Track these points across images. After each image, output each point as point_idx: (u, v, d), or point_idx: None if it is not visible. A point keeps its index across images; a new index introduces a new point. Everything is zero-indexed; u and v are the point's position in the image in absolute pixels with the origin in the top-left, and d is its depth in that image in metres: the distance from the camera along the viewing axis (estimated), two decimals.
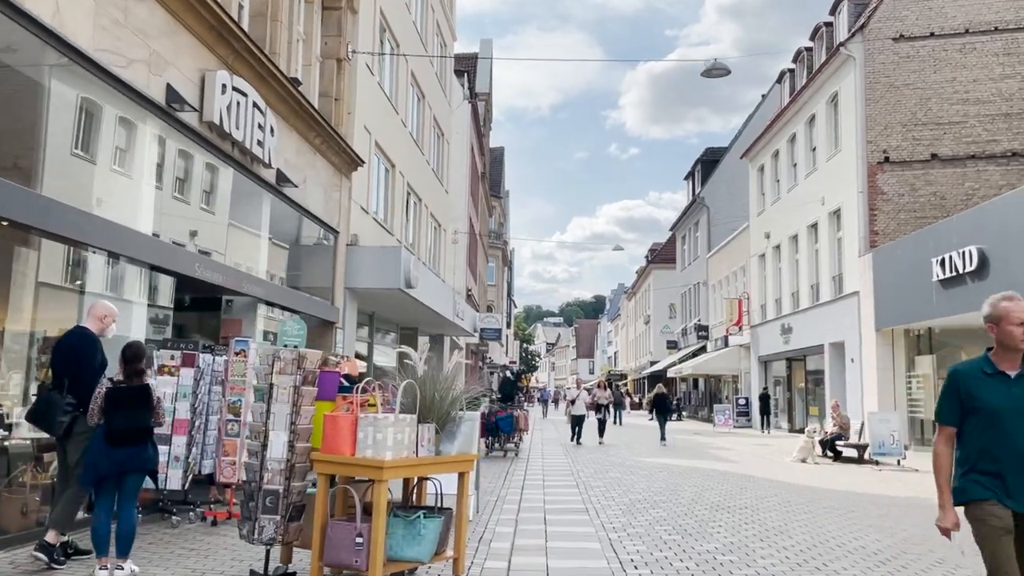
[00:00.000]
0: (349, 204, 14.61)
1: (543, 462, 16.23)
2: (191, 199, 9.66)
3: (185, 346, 7.66)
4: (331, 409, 5.54)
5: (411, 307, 17.75)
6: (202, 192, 9.84)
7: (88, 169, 7.72)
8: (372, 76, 16.14)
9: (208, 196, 10.01)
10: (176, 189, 9.28)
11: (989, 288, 16.74)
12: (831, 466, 16.61)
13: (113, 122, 7.88)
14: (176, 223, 9.24)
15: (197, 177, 9.60)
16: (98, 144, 7.75)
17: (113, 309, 6.31)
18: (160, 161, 8.75)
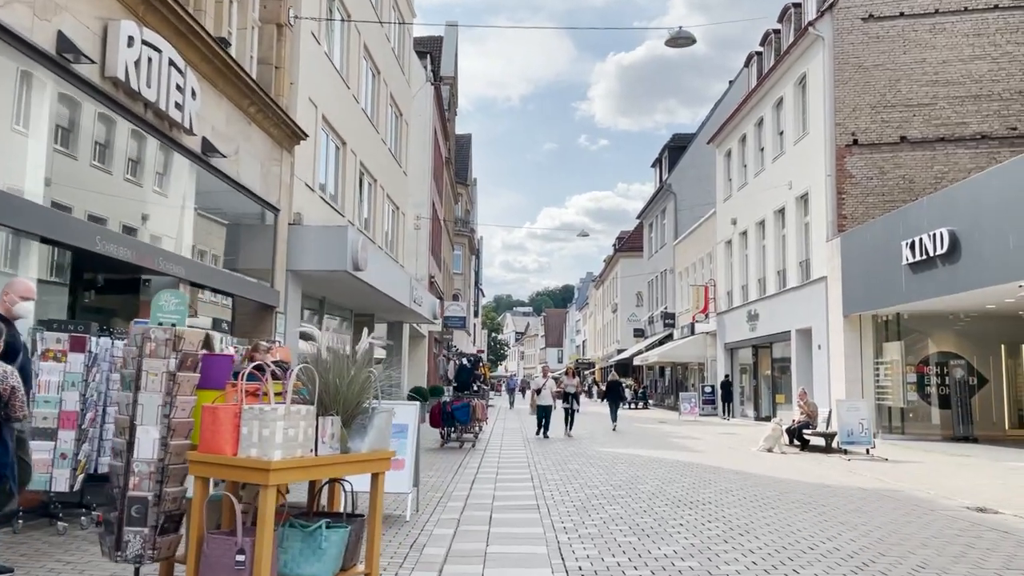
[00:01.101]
0: (291, 180, 13.65)
1: (500, 453, 15.45)
2: (94, 165, 8.67)
3: (75, 328, 6.71)
4: (219, 400, 4.66)
5: (363, 292, 16.84)
6: (109, 158, 8.85)
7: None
8: (319, 46, 15.15)
9: (115, 162, 9.02)
10: (74, 152, 8.28)
11: (960, 271, 16.26)
12: (798, 455, 16.04)
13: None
14: (77, 193, 8.26)
15: (101, 140, 8.60)
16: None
17: (26, 287, 5.51)
18: (55, 121, 7.77)
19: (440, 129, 38.03)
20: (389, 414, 4.95)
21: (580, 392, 22.28)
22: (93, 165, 8.67)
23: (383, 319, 22.90)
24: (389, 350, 24.22)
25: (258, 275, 12.96)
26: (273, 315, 12.89)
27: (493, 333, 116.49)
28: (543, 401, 20.10)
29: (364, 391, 4.78)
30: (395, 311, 21.15)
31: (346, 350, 4.86)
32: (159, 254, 9.09)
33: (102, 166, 8.82)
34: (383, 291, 16.61)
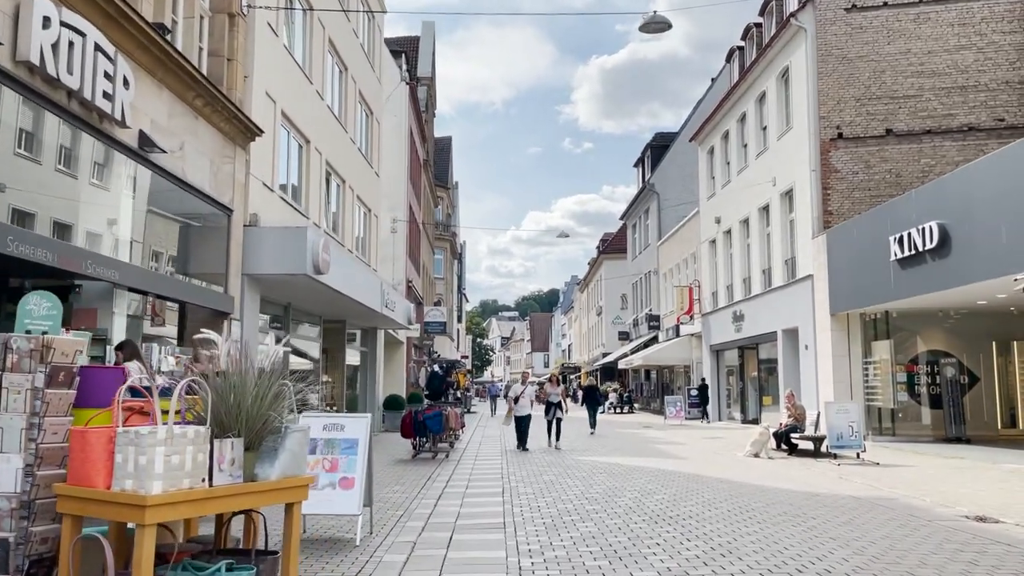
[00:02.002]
0: (246, 179, 12.87)
1: (475, 464, 14.71)
2: (19, 154, 7.89)
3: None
4: (102, 421, 3.91)
5: (330, 297, 16.07)
6: (27, 151, 8.06)
7: None
8: (277, 37, 14.40)
9: (38, 156, 8.23)
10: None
11: (951, 266, 15.65)
12: (786, 461, 15.38)
13: None
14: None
15: (16, 133, 7.82)
16: None
17: None
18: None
19: (417, 130, 37.29)
20: (305, 434, 4.20)
21: (565, 399, 20.28)
22: (19, 154, 7.90)
23: (356, 325, 22.11)
24: (363, 357, 23.44)
25: (211, 280, 12.19)
26: (227, 322, 12.10)
27: (478, 338, 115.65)
28: (522, 411, 18.03)
29: (274, 407, 4.03)
30: (367, 317, 20.38)
31: (252, 359, 4.12)
32: (87, 257, 8.30)
33: (30, 156, 8.04)
34: (350, 296, 15.85)
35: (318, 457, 7.42)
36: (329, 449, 7.44)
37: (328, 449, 7.44)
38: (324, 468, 7.38)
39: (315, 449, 7.45)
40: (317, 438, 7.49)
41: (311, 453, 7.43)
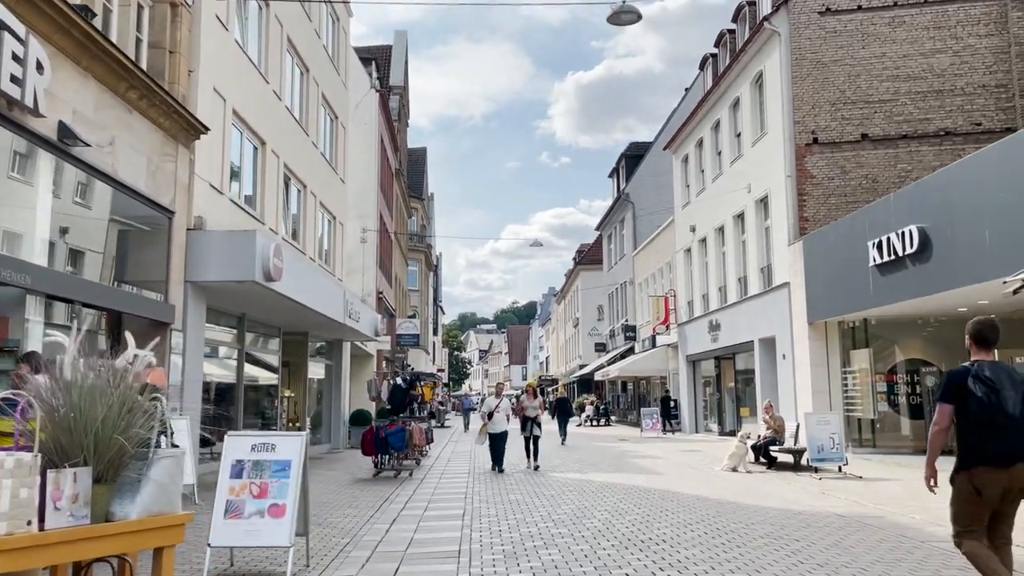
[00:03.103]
0: (190, 180, 12.05)
1: (439, 483, 13.89)
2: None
3: None
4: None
5: (288, 307, 15.23)
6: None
7: None
8: (227, 32, 13.61)
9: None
10: None
11: (932, 271, 15.10)
12: (765, 475, 14.72)
13: None
14: None
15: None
16: None
17: None
18: None
19: (388, 139, 36.54)
20: (177, 461, 3.41)
21: (541, 414, 17.74)
22: None
23: (319, 337, 21.23)
24: (328, 370, 22.56)
25: (151, 287, 11.34)
26: (167, 333, 11.24)
27: (455, 351, 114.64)
28: (496, 427, 15.86)
29: (133, 428, 3.24)
30: (331, 328, 19.51)
31: (103, 367, 3.32)
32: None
33: None
34: (308, 305, 15.01)
35: (245, 481, 6.61)
36: (257, 472, 6.63)
37: (256, 472, 6.63)
38: (251, 494, 6.57)
39: (242, 472, 6.65)
40: (244, 460, 6.68)
41: (237, 476, 6.64)
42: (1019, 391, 4.86)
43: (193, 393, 12.09)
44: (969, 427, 4.90)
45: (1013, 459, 4.75)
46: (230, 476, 6.64)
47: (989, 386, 4.87)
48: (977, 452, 4.84)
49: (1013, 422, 4.78)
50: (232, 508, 6.55)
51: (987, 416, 4.82)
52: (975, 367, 5.02)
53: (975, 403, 4.86)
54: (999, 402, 4.81)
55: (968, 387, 4.92)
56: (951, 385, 5.03)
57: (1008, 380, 4.91)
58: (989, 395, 4.84)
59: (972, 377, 4.95)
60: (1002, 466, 4.76)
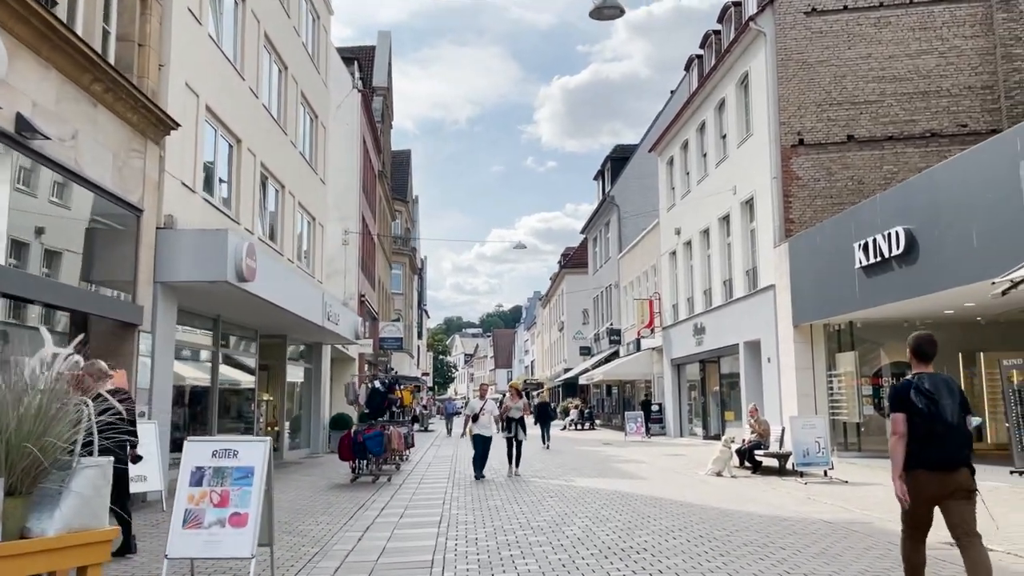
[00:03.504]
0: (160, 177, 11.68)
1: (417, 489, 13.56)
2: None
3: None
4: None
5: (263, 309, 14.86)
6: None
7: None
8: (200, 26, 13.26)
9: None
10: None
11: (919, 273, 14.93)
12: (750, 480, 14.48)
13: None
14: None
15: None
16: None
17: None
18: None
19: (371, 140, 36.19)
20: (103, 470, 3.09)
21: (526, 416, 16.58)
22: None
23: (298, 340, 20.85)
24: (307, 374, 22.17)
25: (118, 287, 10.97)
26: (135, 335, 10.86)
27: (440, 355, 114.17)
28: (482, 430, 15.07)
29: (51, 434, 2.92)
30: (310, 331, 19.15)
31: (18, 370, 3.00)
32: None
33: None
34: (285, 307, 14.66)
35: (205, 489, 6.27)
36: (218, 480, 6.30)
37: (217, 480, 6.30)
38: (212, 502, 6.23)
39: (202, 479, 6.31)
40: (204, 466, 6.35)
41: (196, 484, 6.30)
42: (956, 400, 5.16)
43: (163, 397, 11.72)
44: (912, 436, 5.15)
45: (953, 464, 5.07)
46: (189, 484, 6.30)
47: (929, 397, 5.14)
48: (918, 457, 5.13)
49: (951, 430, 5.08)
50: (191, 517, 6.22)
51: (928, 425, 5.09)
52: (916, 379, 5.28)
53: (916, 413, 5.12)
54: (938, 412, 5.09)
55: (911, 399, 5.17)
56: (898, 398, 5.28)
57: (946, 390, 5.20)
58: (929, 406, 5.12)
59: (914, 389, 5.20)
60: (942, 471, 5.08)
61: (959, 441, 5.12)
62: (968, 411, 5.28)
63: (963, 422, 5.20)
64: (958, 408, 5.15)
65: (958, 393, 5.23)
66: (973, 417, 5.73)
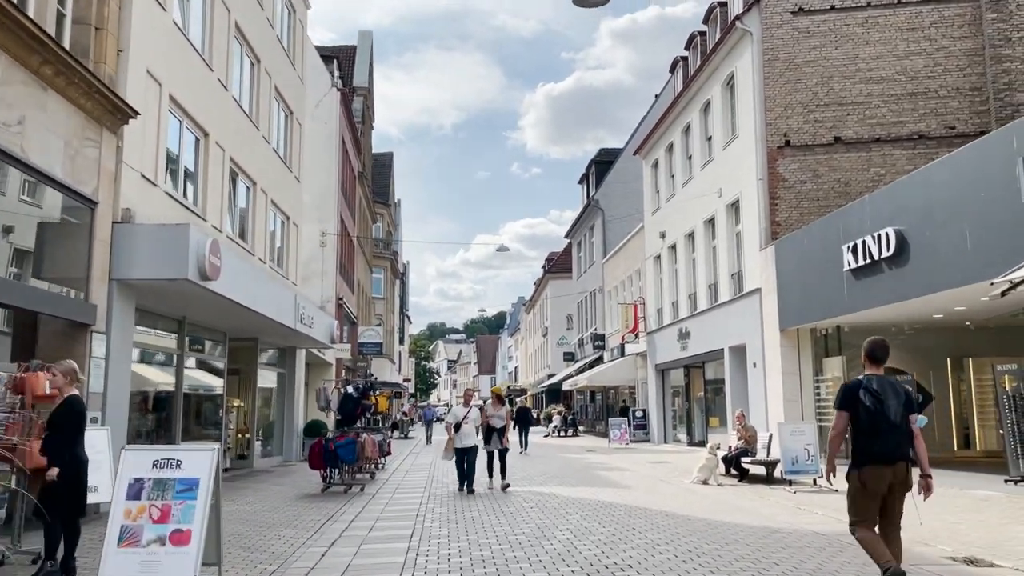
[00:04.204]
0: (117, 168, 11.03)
1: (391, 499, 12.95)
2: None
3: None
4: None
5: (229, 309, 14.21)
6: None
7: None
8: (164, 11, 12.63)
9: None
10: None
11: (910, 275, 14.49)
12: (737, 488, 13.98)
13: None
14: None
15: None
16: None
17: None
18: None
19: (351, 140, 35.56)
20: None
21: (510, 425, 15.19)
22: None
23: (271, 344, 20.16)
24: (280, 379, 21.47)
25: (69, 284, 10.31)
26: (87, 335, 10.20)
27: (423, 361, 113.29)
28: (465, 441, 13.61)
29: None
30: (282, 334, 18.48)
31: None
32: None
33: None
34: (252, 308, 14.01)
35: (144, 503, 5.68)
36: (159, 492, 5.70)
37: (158, 492, 5.70)
38: (151, 518, 5.63)
39: (140, 492, 5.70)
40: (144, 478, 5.75)
41: (135, 498, 5.69)
42: (900, 401, 5.64)
43: (119, 402, 11.04)
44: (859, 432, 5.66)
45: (895, 458, 5.56)
46: (126, 497, 5.71)
47: (876, 396, 5.61)
48: (866, 453, 5.62)
49: (894, 428, 5.57)
50: (128, 535, 5.62)
51: (873, 422, 5.59)
52: (866, 380, 5.73)
53: (864, 411, 5.61)
54: (883, 410, 5.58)
55: (859, 397, 5.64)
56: (846, 395, 5.75)
57: (892, 391, 5.67)
58: (875, 404, 5.59)
59: (863, 389, 5.67)
60: (886, 464, 5.55)
61: (900, 438, 5.59)
62: (912, 411, 5.72)
63: (905, 421, 5.62)
64: (902, 408, 5.61)
65: (903, 395, 5.69)
66: (919, 416, 6.32)
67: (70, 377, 6.75)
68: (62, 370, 6.77)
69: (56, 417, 6.51)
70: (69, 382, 6.72)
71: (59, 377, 6.76)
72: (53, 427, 6.52)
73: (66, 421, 6.45)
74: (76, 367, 6.91)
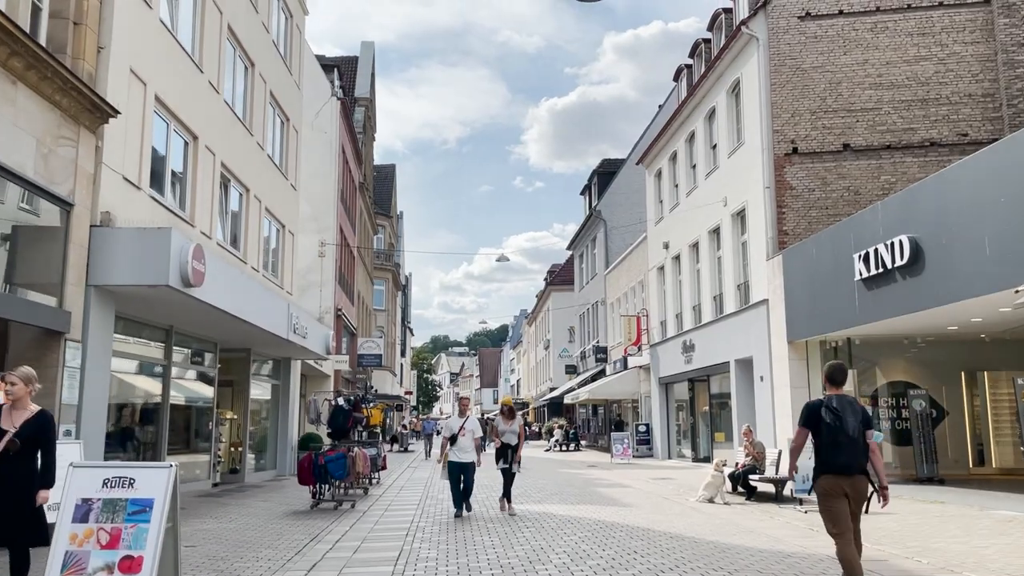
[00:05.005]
0: (96, 169, 10.55)
1: (383, 516, 12.37)
2: None
3: None
4: None
5: (218, 319, 13.72)
6: None
7: None
8: (150, 9, 12.17)
9: None
10: None
11: (925, 285, 13.91)
12: (745, 507, 13.37)
13: None
14: None
15: None
16: None
17: None
18: None
19: (351, 150, 35.15)
20: None
21: (522, 441, 13.04)
22: None
23: (264, 355, 19.63)
24: (274, 391, 20.91)
25: (45, 290, 9.80)
26: (61, 343, 9.68)
27: (425, 374, 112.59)
28: (461, 455, 12.06)
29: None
30: (275, 344, 17.96)
31: None
32: None
33: None
34: (239, 316, 13.49)
35: (91, 526, 5.13)
36: (109, 514, 5.15)
37: (108, 514, 5.15)
38: (99, 543, 5.08)
39: (88, 514, 5.15)
40: (92, 498, 5.20)
41: (82, 520, 5.14)
42: (857, 418, 6.15)
43: (95, 414, 10.51)
44: (821, 445, 6.18)
45: (852, 470, 6.08)
46: (72, 520, 5.15)
47: (835, 414, 6.12)
48: (826, 464, 6.14)
49: (852, 441, 6.08)
50: (72, 561, 5.07)
51: (833, 437, 6.09)
52: (827, 399, 6.26)
53: (825, 427, 6.12)
54: (842, 426, 6.08)
55: (821, 415, 6.16)
56: (809, 414, 6.26)
57: (850, 409, 6.18)
58: (835, 421, 6.10)
59: (824, 407, 6.18)
60: (844, 475, 6.07)
61: (857, 451, 6.10)
62: (869, 427, 6.23)
63: (862, 436, 6.12)
64: (859, 425, 6.12)
65: (860, 412, 6.21)
66: (875, 432, 6.98)
67: (31, 386, 6.14)
68: (20, 376, 6.12)
69: (31, 433, 5.75)
70: (29, 391, 6.13)
71: (19, 386, 6.13)
72: (28, 444, 5.83)
73: (46, 436, 5.76)
74: (33, 373, 6.29)
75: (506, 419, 12.96)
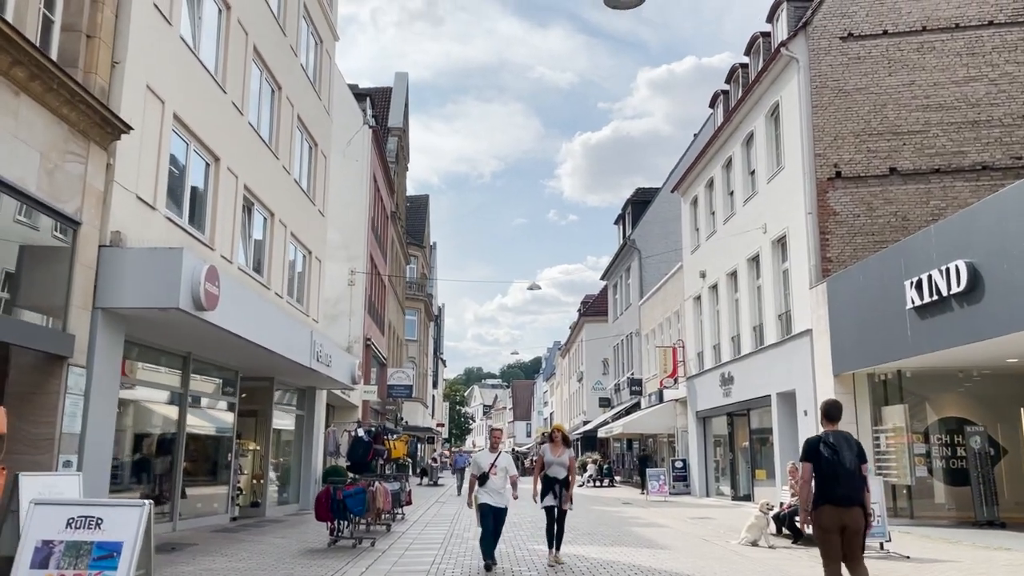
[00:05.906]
0: (107, 187, 10.15)
1: (402, 556, 11.65)
2: None
3: None
4: None
5: (237, 346, 13.24)
6: None
7: None
8: (169, 25, 11.88)
9: None
10: None
11: (983, 312, 12.99)
12: (791, 551, 12.43)
13: None
14: None
15: None
16: None
17: None
18: None
19: (383, 179, 34.94)
20: None
21: (572, 476, 11.01)
22: None
23: (288, 384, 19.11)
24: (299, 421, 20.34)
25: (49, 312, 9.36)
26: (64, 368, 9.20)
27: (458, 406, 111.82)
28: (492, 497, 10.20)
29: None
30: (298, 373, 17.45)
31: None
32: None
33: None
34: (257, 342, 12.99)
35: (52, 573, 4.51)
36: (72, 559, 4.55)
37: (71, 559, 4.55)
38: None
39: (49, 559, 4.55)
40: (54, 540, 4.60)
41: (41, 566, 4.53)
42: (853, 452, 6.58)
43: (100, 443, 10.00)
44: (821, 478, 6.54)
45: (851, 502, 6.45)
46: (31, 565, 4.55)
47: (833, 449, 6.54)
48: (825, 496, 6.50)
49: (848, 474, 6.48)
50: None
51: (831, 470, 6.49)
52: (824, 435, 6.71)
53: (824, 462, 6.54)
54: (839, 460, 6.50)
55: (819, 450, 6.59)
56: (809, 449, 6.70)
57: (845, 444, 6.61)
58: (832, 455, 6.51)
59: (822, 443, 6.63)
60: (842, 506, 6.44)
61: (854, 483, 6.50)
62: (864, 460, 6.62)
63: (858, 468, 6.54)
64: (855, 458, 6.57)
65: (855, 446, 6.64)
66: (869, 466, 7.19)
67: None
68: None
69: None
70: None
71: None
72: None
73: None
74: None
75: (555, 448, 10.93)
